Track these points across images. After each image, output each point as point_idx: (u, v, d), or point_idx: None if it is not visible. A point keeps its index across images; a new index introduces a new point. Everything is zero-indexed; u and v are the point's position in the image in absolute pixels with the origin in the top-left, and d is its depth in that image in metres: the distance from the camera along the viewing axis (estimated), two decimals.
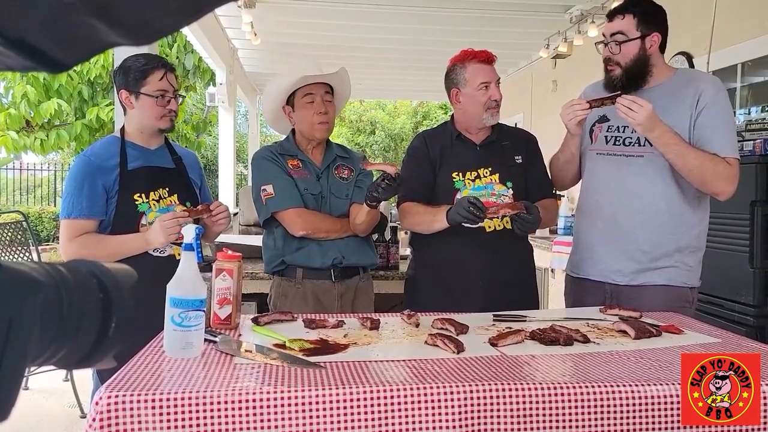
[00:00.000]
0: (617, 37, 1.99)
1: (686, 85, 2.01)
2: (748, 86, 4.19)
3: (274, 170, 2.18)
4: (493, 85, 2.12)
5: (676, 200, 2.00)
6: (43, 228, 10.79)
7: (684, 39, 4.51)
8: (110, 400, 1.09)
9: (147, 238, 2.00)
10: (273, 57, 7.27)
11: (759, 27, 3.78)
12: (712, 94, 1.97)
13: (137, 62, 2.06)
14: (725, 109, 2.00)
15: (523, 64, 7.40)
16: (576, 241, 2.23)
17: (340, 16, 5.56)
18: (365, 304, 2.24)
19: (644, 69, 2.01)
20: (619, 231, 2.04)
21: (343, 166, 2.28)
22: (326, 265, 2.14)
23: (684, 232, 2.01)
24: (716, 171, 1.90)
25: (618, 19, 2.00)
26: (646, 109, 1.83)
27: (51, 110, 7.20)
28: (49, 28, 0.44)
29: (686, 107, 1.97)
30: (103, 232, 2.03)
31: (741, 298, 2.69)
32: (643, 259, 2.01)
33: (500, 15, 5.44)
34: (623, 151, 2.05)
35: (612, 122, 2.09)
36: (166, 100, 2.06)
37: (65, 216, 2.01)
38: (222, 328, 1.59)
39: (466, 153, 2.16)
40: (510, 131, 2.28)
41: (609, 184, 2.07)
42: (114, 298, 0.52)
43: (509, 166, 2.15)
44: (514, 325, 1.69)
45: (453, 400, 1.16)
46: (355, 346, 1.46)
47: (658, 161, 1.98)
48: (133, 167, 2.07)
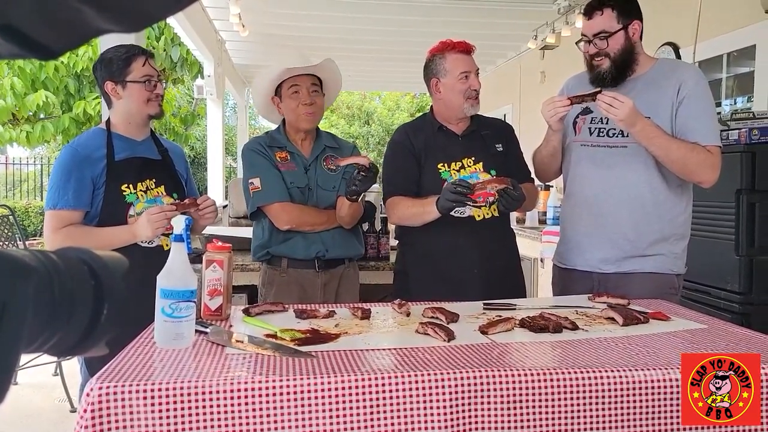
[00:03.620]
0: (601, 34, 2.00)
1: (667, 75, 2.03)
2: (733, 77, 4.22)
3: (262, 163, 2.22)
4: (473, 75, 2.14)
5: (660, 189, 2.03)
6: (29, 222, 10.70)
7: (670, 29, 4.54)
8: (101, 391, 1.09)
9: (134, 231, 1.99)
10: (261, 48, 7.23)
11: (743, 18, 3.81)
12: (693, 83, 1.99)
13: (118, 52, 2.06)
14: (706, 98, 2.02)
15: (512, 56, 7.41)
16: (562, 231, 2.25)
17: (328, 7, 5.54)
18: (349, 293, 2.28)
19: (631, 58, 2.03)
20: (605, 221, 2.06)
21: (331, 157, 2.29)
22: (310, 257, 2.20)
23: (669, 221, 2.04)
24: (699, 160, 1.93)
25: (597, 15, 2.00)
26: (627, 105, 1.84)
27: (38, 102, 7.12)
28: (38, 14, 0.44)
29: (668, 97, 1.99)
30: (91, 224, 2.02)
31: (727, 286, 2.73)
32: (629, 248, 2.04)
33: (488, 6, 5.45)
34: (607, 143, 2.07)
35: (595, 114, 2.11)
36: (152, 84, 2.08)
37: (51, 207, 2.00)
38: (213, 319, 1.59)
39: (449, 143, 2.18)
40: (488, 121, 2.31)
41: (594, 175, 2.09)
42: (105, 284, 0.52)
43: (492, 155, 2.18)
44: (503, 313, 1.70)
45: (443, 387, 1.17)
46: (346, 336, 1.47)
47: (642, 152, 2.00)
48: (120, 158, 2.06)
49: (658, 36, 4.67)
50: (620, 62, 2.02)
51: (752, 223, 2.65)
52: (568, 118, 2.14)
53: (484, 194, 2.00)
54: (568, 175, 2.21)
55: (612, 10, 1.99)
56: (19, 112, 7.46)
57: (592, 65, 2.06)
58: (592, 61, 2.06)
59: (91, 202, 2.01)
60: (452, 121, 2.20)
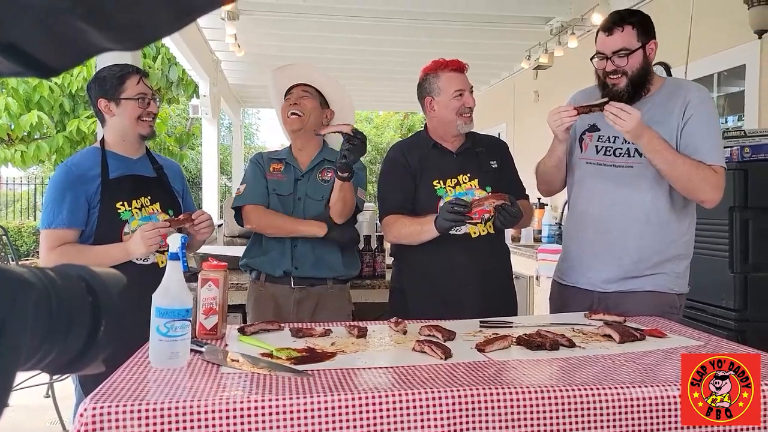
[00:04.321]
0: (621, 52, 1.97)
1: (673, 94, 2.02)
2: (724, 96, 4.27)
3: (252, 172, 2.34)
4: (467, 93, 2.16)
5: (664, 210, 2.02)
6: (23, 242, 10.63)
7: (661, 49, 4.58)
8: (95, 411, 1.08)
9: (128, 249, 1.99)
10: (256, 69, 7.27)
11: (733, 38, 3.87)
12: (698, 102, 1.98)
13: (112, 71, 2.08)
14: (711, 118, 2.01)
15: (506, 75, 7.48)
16: (565, 248, 2.24)
17: (324, 28, 5.59)
18: (332, 314, 2.19)
19: (646, 78, 2.01)
20: (610, 240, 2.05)
21: (328, 168, 2.32)
22: (276, 273, 2.25)
23: (673, 241, 2.03)
24: (703, 178, 1.91)
25: (617, 32, 1.97)
26: (635, 117, 1.84)
27: (32, 122, 7.13)
28: (40, 33, 0.44)
29: (674, 116, 1.98)
30: (87, 242, 2.02)
31: (722, 303, 2.73)
32: (632, 268, 2.03)
33: (483, 27, 5.51)
34: (614, 162, 2.06)
35: (603, 132, 2.10)
36: (146, 102, 2.09)
37: (46, 226, 1.99)
38: (208, 339, 1.58)
39: (444, 161, 2.19)
40: (482, 138, 2.32)
41: (599, 193, 2.08)
42: (103, 301, 0.52)
43: (486, 172, 2.19)
44: (500, 330, 1.70)
45: (441, 405, 1.16)
46: (342, 354, 1.46)
47: (647, 172, 2.00)
48: (115, 176, 2.06)
49: None
50: (637, 81, 1.99)
51: (746, 240, 2.66)
52: (574, 134, 2.14)
53: (480, 211, 2.00)
54: (572, 191, 2.21)
55: (633, 28, 1.97)
56: (13, 132, 7.47)
57: (606, 84, 2.02)
58: (606, 79, 2.01)
59: (87, 221, 2.01)
60: (447, 139, 2.22)
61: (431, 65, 2.21)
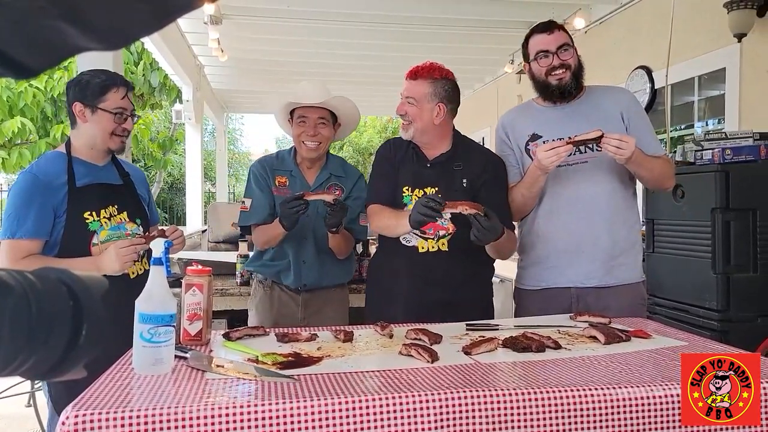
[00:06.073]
0: (565, 46, 2.10)
1: (603, 96, 2.18)
2: (705, 99, 4.33)
3: (258, 186, 2.36)
4: (402, 99, 2.14)
5: (621, 198, 2.13)
6: None
7: (643, 53, 4.65)
8: (77, 419, 1.06)
9: (100, 265, 1.92)
10: (240, 73, 7.26)
11: (713, 42, 3.93)
12: (631, 103, 2.17)
13: (97, 78, 2.01)
14: (645, 115, 2.22)
15: (489, 80, 7.53)
16: (533, 253, 2.20)
17: (307, 33, 5.59)
18: (338, 314, 2.38)
19: (582, 74, 2.15)
20: (582, 236, 2.09)
21: (335, 186, 2.36)
22: (286, 282, 2.35)
23: (630, 227, 2.15)
24: (668, 169, 2.12)
25: (556, 31, 2.11)
26: (632, 144, 1.90)
27: (14, 128, 7.04)
28: (17, 33, 0.43)
29: (616, 120, 2.10)
30: (51, 253, 1.94)
31: (705, 303, 2.76)
32: (606, 258, 2.09)
33: (466, 32, 5.55)
34: (566, 161, 2.05)
35: (545, 137, 2.13)
36: (123, 118, 2.03)
37: (9, 236, 1.89)
38: (192, 345, 1.56)
39: (417, 168, 2.14)
40: (473, 150, 2.21)
41: (561, 194, 2.12)
42: (85, 305, 0.51)
43: (454, 191, 2.08)
44: (486, 333, 1.70)
45: (428, 408, 1.16)
46: (329, 359, 1.45)
47: (601, 164, 2.09)
48: (82, 184, 1.99)
49: (631, 60, 4.78)
50: (577, 75, 2.12)
51: (728, 241, 2.70)
52: (519, 149, 2.20)
53: (436, 227, 2.02)
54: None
55: (561, 30, 2.13)
56: None
57: (548, 83, 2.10)
58: (549, 77, 2.10)
59: (51, 231, 1.93)
60: (424, 144, 2.17)
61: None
